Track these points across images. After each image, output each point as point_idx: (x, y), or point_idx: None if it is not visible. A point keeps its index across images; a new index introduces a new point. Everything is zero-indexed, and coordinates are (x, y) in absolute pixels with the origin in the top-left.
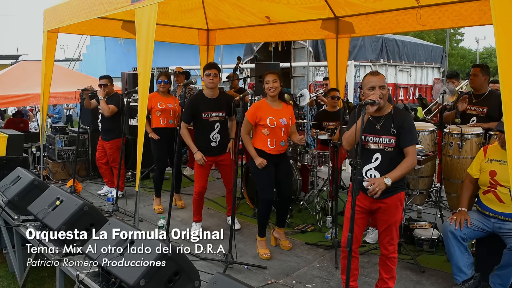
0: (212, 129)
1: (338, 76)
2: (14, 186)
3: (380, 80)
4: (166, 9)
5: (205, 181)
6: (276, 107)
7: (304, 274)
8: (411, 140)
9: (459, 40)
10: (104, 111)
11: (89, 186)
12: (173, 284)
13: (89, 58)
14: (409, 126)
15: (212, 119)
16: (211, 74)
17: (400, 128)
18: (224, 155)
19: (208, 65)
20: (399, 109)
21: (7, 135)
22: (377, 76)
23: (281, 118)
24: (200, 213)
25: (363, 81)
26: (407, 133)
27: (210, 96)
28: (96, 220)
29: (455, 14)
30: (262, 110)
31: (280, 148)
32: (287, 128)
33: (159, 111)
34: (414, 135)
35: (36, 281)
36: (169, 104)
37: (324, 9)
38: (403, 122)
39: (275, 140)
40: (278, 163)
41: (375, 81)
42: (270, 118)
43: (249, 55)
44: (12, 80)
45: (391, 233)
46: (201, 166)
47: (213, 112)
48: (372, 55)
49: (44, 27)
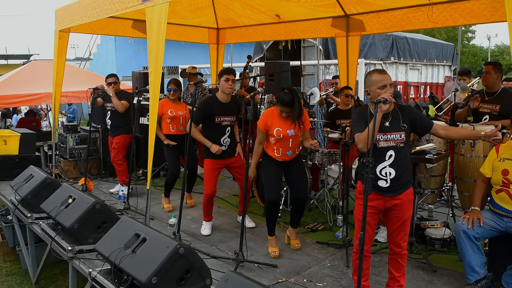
0: (223, 133)
1: (349, 75)
2: (27, 184)
3: (389, 78)
4: (176, 8)
5: (215, 185)
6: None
7: (315, 273)
8: (429, 122)
9: (470, 37)
10: (118, 107)
11: (101, 184)
12: (184, 282)
13: (99, 57)
14: (419, 115)
15: (224, 123)
16: (230, 80)
17: (410, 120)
18: (234, 158)
19: (226, 70)
20: (401, 105)
21: (19, 134)
22: (385, 74)
23: (289, 129)
24: (210, 214)
25: (370, 79)
26: (421, 120)
27: (223, 101)
28: (108, 218)
29: (467, 11)
30: (271, 120)
31: (286, 157)
32: (295, 138)
33: (169, 118)
34: (427, 118)
35: (48, 278)
36: (179, 111)
37: (334, 7)
38: (410, 114)
39: (281, 149)
40: (287, 166)
41: (386, 80)
42: (277, 129)
43: (258, 53)
44: (24, 79)
45: (405, 229)
46: (210, 170)
47: (225, 116)
48: (382, 53)
49: (55, 27)
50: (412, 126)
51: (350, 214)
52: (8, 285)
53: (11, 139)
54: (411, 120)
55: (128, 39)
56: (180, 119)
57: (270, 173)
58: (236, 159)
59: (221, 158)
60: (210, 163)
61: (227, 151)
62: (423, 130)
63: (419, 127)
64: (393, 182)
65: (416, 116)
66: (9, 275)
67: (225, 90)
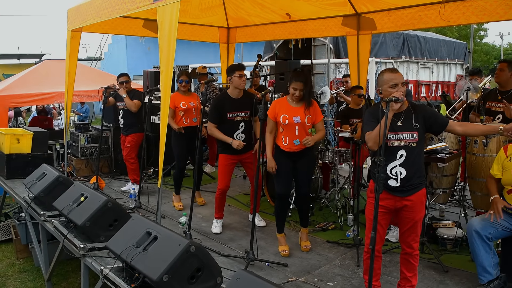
0: (237, 128)
1: (360, 73)
2: (39, 182)
3: (401, 77)
4: (187, 7)
5: (229, 179)
6: (294, 105)
7: (325, 272)
8: (444, 119)
9: (482, 35)
10: (131, 107)
11: (112, 182)
12: (195, 280)
13: (110, 56)
14: (433, 113)
15: (236, 119)
16: (243, 76)
17: (424, 119)
18: (248, 153)
19: (238, 66)
20: (415, 104)
21: (32, 132)
22: (397, 73)
23: (295, 116)
24: (222, 210)
25: (382, 78)
26: (436, 118)
27: (234, 96)
28: (120, 216)
29: (479, 9)
30: (279, 107)
31: (293, 146)
32: (302, 126)
33: (182, 110)
34: (442, 115)
35: (60, 275)
36: (191, 102)
37: (345, 6)
38: (426, 113)
39: (288, 138)
40: (297, 160)
41: (397, 78)
42: (283, 116)
43: (269, 52)
44: (36, 78)
45: (416, 230)
46: (225, 165)
47: (237, 112)
48: (393, 52)
49: (67, 27)
50: (426, 124)
51: (361, 213)
52: (21, 281)
53: (24, 137)
54: (425, 118)
55: (139, 39)
56: (193, 111)
57: (279, 166)
58: (250, 154)
59: (236, 153)
60: (224, 158)
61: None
62: (438, 128)
63: (434, 125)
64: (403, 182)
65: (430, 114)
66: (22, 271)
67: (239, 85)
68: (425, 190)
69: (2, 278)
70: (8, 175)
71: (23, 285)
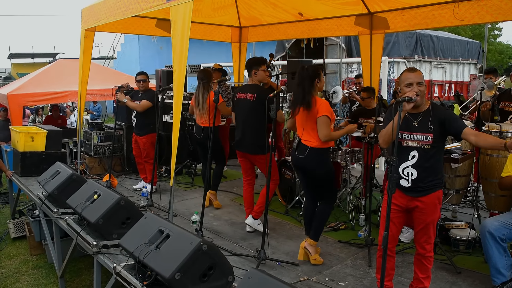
0: None
1: (372, 73)
2: (53, 180)
3: (418, 77)
4: (199, 7)
5: (247, 173)
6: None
7: (337, 272)
8: (461, 125)
9: (496, 35)
10: (135, 109)
11: (124, 181)
12: (207, 278)
13: (123, 56)
14: (452, 116)
15: None
16: (267, 70)
17: (441, 122)
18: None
19: (263, 59)
20: (437, 105)
21: (46, 130)
22: (414, 72)
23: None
24: (249, 206)
25: (400, 78)
26: (455, 121)
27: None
28: (132, 214)
29: (494, 8)
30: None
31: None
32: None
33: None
34: (461, 121)
35: (73, 272)
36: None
37: (357, 5)
38: (444, 116)
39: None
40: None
41: (412, 78)
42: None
43: (281, 52)
44: (50, 77)
45: (428, 232)
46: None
47: None
48: (406, 51)
49: (81, 26)
50: (442, 127)
51: (372, 213)
52: (34, 278)
53: (38, 135)
54: (441, 121)
55: (151, 38)
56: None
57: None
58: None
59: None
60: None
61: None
62: (453, 132)
63: (450, 129)
64: (414, 183)
65: (447, 117)
66: (36, 268)
67: (264, 79)
68: (441, 193)
69: (16, 274)
70: (22, 173)
71: (36, 281)
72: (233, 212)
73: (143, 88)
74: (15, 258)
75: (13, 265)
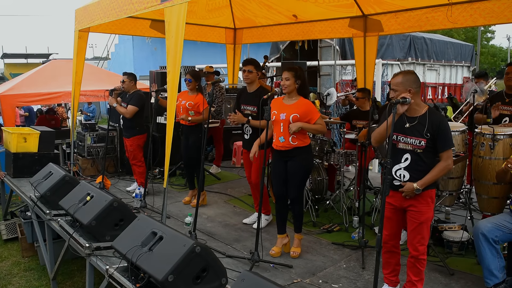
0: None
1: (366, 75)
2: (46, 181)
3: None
4: (194, 8)
5: (249, 170)
6: (287, 102)
7: (330, 274)
8: (446, 145)
9: (489, 38)
10: (125, 115)
11: (118, 182)
12: (200, 281)
13: (117, 56)
14: (445, 130)
15: (246, 112)
16: (246, 71)
17: (435, 132)
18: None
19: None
20: (435, 111)
21: (39, 131)
22: (407, 75)
23: (282, 113)
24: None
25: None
26: (443, 138)
27: (248, 90)
28: (125, 215)
29: (487, 12)
30: (273, 103)
31: (279, 143)
32: (286, 123)
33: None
34: (450, 139)
35: (65, 274)
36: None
37: (352, 7)
38: (439, 126)
39: (275, 134)
40: (288, 161)
41: (392, 84)
42: (273, 112)
43: (275, 53)
44: (43, 78)
45: (422, 232)
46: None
47: (247, 105)
48: (400, 54)
49: (75, 27)
50: (434, 138)
51: (366, 215)
52: (26, 280)
53: (31, 136)
54: (434, 130)
55: (146, 39)
56: (180, 108)
57: (272, 167)
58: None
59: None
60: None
61: (248, 140)
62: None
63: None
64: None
65: (442, 130)
66: (28, 270)
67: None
68: (434, 192)
69: (8, 277)
70: (14, 174)
71: (28, 283)
72: (226, 214)
73: (127, 88)
74: (6, 260)
75: (4, 267)
